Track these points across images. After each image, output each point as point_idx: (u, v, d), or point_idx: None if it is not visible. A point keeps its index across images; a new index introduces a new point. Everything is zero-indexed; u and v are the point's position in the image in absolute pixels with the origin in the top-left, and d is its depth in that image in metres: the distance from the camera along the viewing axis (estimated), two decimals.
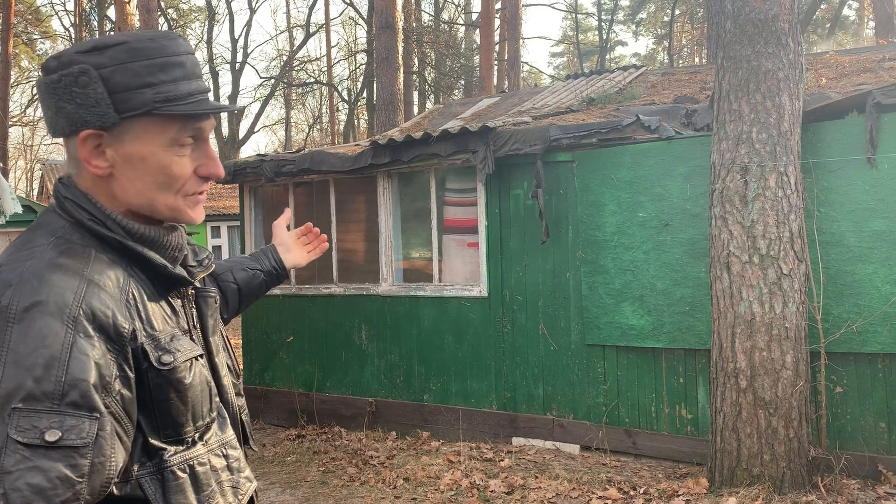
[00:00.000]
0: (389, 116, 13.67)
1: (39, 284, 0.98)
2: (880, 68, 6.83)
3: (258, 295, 1.71)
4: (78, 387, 0.94)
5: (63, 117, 1.09)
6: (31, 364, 0.93)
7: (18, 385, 0.92)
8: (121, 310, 1.04)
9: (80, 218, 1.10)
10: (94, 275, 1.03)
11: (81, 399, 0.95)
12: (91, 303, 1.00)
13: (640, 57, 35.84)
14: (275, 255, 1.73)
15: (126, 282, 1.08)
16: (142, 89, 1.09)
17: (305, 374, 7.03)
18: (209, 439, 1.18)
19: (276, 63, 33.59)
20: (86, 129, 1.08)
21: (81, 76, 1.06)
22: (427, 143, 6.03)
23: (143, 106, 1.09)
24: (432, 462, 5.56)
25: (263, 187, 7.35)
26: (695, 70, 9.18)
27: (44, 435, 0.91)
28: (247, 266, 1.68)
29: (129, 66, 1.08)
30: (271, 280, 1.72)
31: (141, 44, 1.09)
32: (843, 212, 4.68)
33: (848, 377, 4.74)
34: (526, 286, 5.89)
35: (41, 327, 0.95)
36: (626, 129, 5.50)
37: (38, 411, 0.92)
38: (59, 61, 1.08)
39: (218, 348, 1.28)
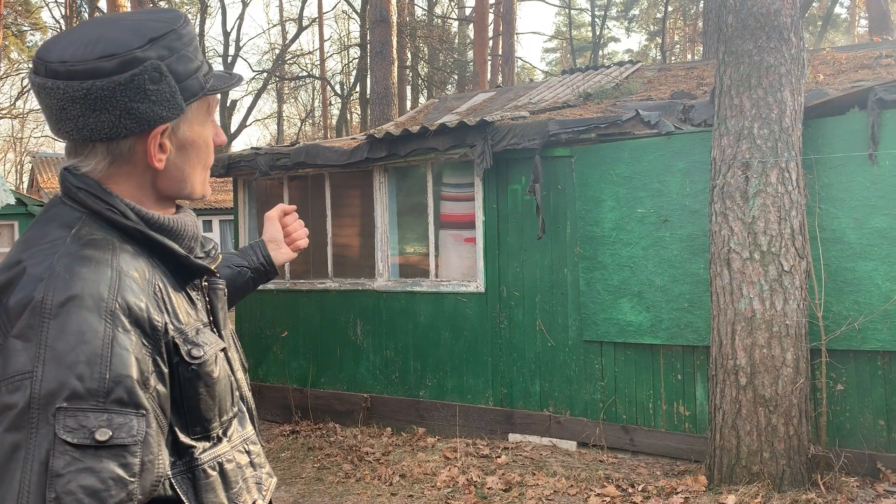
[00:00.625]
0: (383, 110, 13.59)
1: (71, 278, 0.93)
2: (878, 65, 6.81)
3: (245, 292, 1.65)
4: (123, 383, 0.91)
5: (131, 118, 1.03)
6: (73, 361, 0.89)
7: (61, 384, 0.87)
8: (152, 303, 1.00)
9: (97, 208, 1.04)
10: (122, 266, 0.99)
11: (127, 396, 0.91)
12: (126, 296, 0.96)
13: (632, 53, 35.85)
14: (263, 250, 1.66)
15: (152, 273, 1.04)
16: (195, 74, 1.09)
17: (300, 370, 6.97)
18: (232, 435, 1.15)
19: (269, 56, 33.42)
20: (160, 125, 1.06)
21: (154, 72, 1.03)
22: (424, 138, 5.97)
23: (199, 90, 1.10)
24: (428, 458, 5.52)
25: (258, 181, 7.27)
26: (691, 66, 9.14)
27: (94, 434, 0.87)
28: (233, 263, 1.61)
29: (183, 53, 1.07)
30: (259, 277, 1.65)
31: (183, 28, 1.08)
32: (843, 208, 4.66)
33: (847, 374, 4.73)
34: (523, 282, 5.85)
35: (79, 322, 0.91)
36: (625, 124, 5.46)
37: (85, 410, 0.88)
38: (117, 60, 1.01)
39: (230, 342, 1.25)
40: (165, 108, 1.05)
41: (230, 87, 1.16)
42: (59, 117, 1.03)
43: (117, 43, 1.02)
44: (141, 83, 1.02)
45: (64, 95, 1.01)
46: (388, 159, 6.28)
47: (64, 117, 1.03)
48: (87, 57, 1.00)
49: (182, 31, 1.07)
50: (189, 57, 1.07)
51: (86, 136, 1.04)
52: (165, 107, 1.05)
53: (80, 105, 1.01)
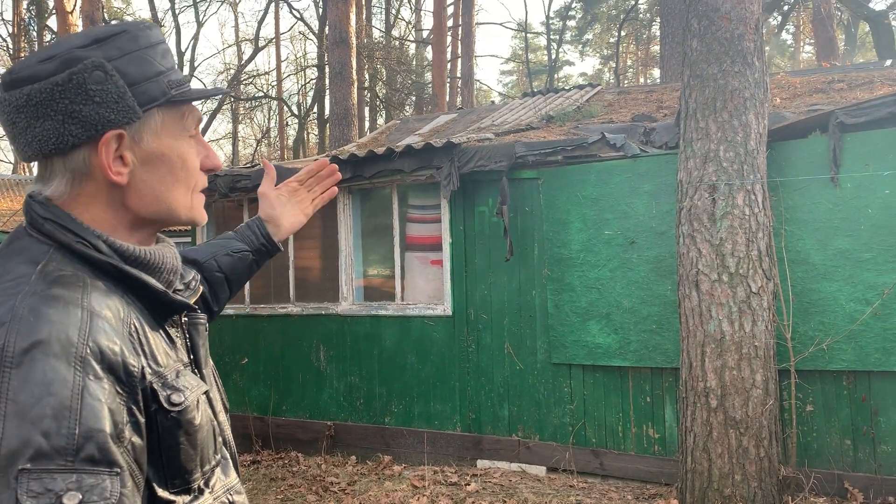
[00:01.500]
0: (343, 131, 13.49)
1: (37, 321, 0.83)
2: (831, 89, 7.00)
3: (249, 276, 1.53)
4: (94, 438, 0.80)
5: (76, 123, 0.93)
6: (38, 416, 0.78)
7: (24, 442, 0.77)
8: (127, 345, 0.89)
9: (65, 241, 0.94)
10: (94, 306, 0.88)
11: (99, 453, 0.80)
12: (98, 339, 0.85)
13: (586, 76, 36.48)
14: (262, 229, 1.53)
15: (126, 312, 0.93)
16: (156, 78, 0.99)
17: (260, 398, 6.76)
18: (215, 485, 1.03)
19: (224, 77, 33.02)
20: (109, 130, 0.94)
21: (96, 70, 0.93)
22: (390, 159, 5.90)
23: (161, 95, 0.99)
24: (396, 487, 5.38)
25: (216, 203, 7.09)
26: (650, 89, 9.29)
27: (61, 499, 0.76)
28: (232, 249, 1.49)
29: (138, 54, 0.97)
30: (261, 258, 1.53)
31: (140, 31, 0.99)
32: (807, 230, 4.72)
33: (814, 395, 4.76)
34: (491, 304, 5.79)
35: (45, 371, 0.80)
36: (591, 146, 5.47)
37: (51, 471, 0.77)
38: (58, 60, 0.92)
39: (211, 381, 1.13)
40: (113, 111, 0.94)
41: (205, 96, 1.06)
42: (11, 134, 0.95)
43: (61, 45, 0.94)
44: (81, 82, 0.92)
45: (10, 107, 0.94)
46: (352, 181, 6.18)
47: (15, 132, 0.95)
48: (29, 62, 0.94)
49: (138, 34, 0.98)
50: (146, 60, 0.98)
51: (36, 149, 0.94)
52: (113, 109, 0.94)
53: (24, 114, 0.93)
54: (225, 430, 1.13)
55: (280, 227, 1.55)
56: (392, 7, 28.82)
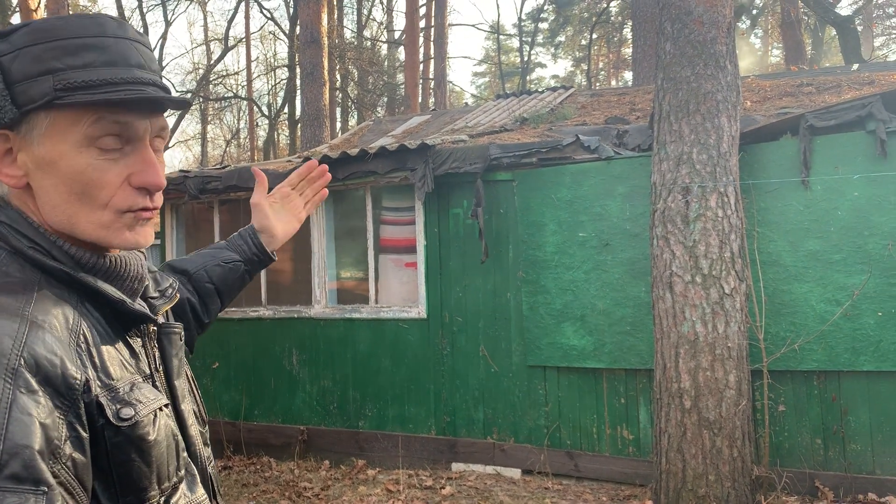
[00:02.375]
0: (315, 132, 13.38)
1: None
2: (800, 93, 7.10)
3: (241, 287, 1.49)
4: (20, 455, 0.75)
5: None
6: None
7: None
8: (71, 356, 0.84)
9: (18, 246, 0.90)
10: (37, 315, 0.83)
11: (24, 470, 0.75)
12: (34, 350, 0.80)
13: (559, 79, 36.66)
14: (254, 239, 1.49)
15: (77, 322, 0.88)
16: (43, 76, 0.89)
17: (232, 403, 6.66)
18: (177, 502, 0.97)
19: (193, 77, 32.60)
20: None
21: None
22: (363, 161, 5.84)
23: (42, 96, 0.89)
24: (370, 492, 5.33)
25: (186, 205, 6.97)
26: (623, 92, 9.34)
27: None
28: (223, 259, 1.45)
29: (30, 49, 0.89)
30: (254, 268, 1.49)
31: (47, 24, 0.90)
32: (779, 232, 4.77)
33: (786, 395, 4.81)
34: (466, 307, 5.76)
35: None
36: (565, 148, 5.47)
37: None
38: None
39: (184, 393, 1.08)
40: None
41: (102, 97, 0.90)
42: None
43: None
44: None
45: None
46: None
47: None
48: None
49: (40, 27, 0.90)
50: (35, 56, 0.89)
51: None
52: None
53: None
54: (196, 445, 1.08)
55: (274, 236, 1.52)
56: (364, 7, 28.70)
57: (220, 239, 6.77)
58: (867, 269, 4.54)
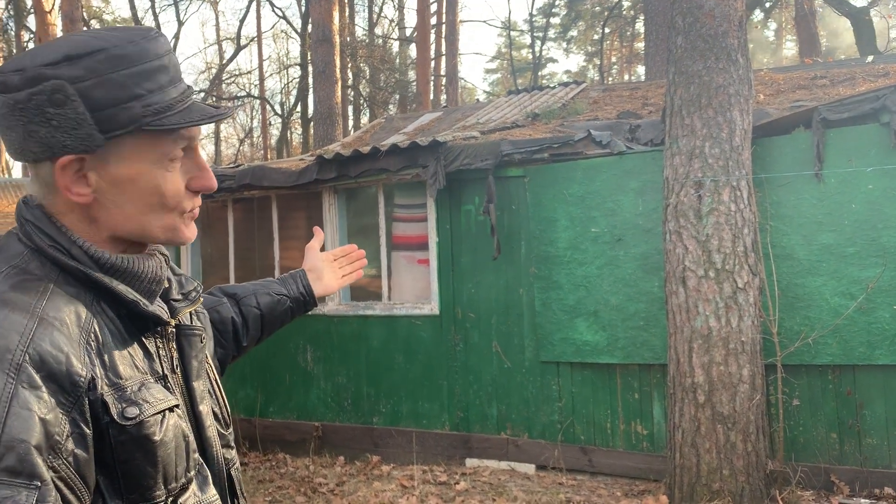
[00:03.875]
0: (327, 130, 13.43)
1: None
2: (814, 85, 7.05)
3: (283, 322, 1.56)
4: (15, 449, 0.78)
5: (34, 142, 0.90)
6: None
7: None
8: (78, 353, 0.87)
9: (40, 244, 0.92)
10: (48, 312, 0.86)
11: (19, 464, 0.78)
12: (40, 346, 0.83)
13: (571, 74, 36.55)
14: (304, 280, 1.58)
15: (89, 320, 0.91)
16: (129, 103, 0.92)
17: (247, 399, 6.71)
18: (186, 502, 0.99)
19: (206, 76, 32.76)
20: (65, 155, 0.91)
21: (56, 94, 0.88)
22: (375, 158, 5.87)
23: (131, 123, 0.92)
24: (385, 488, 5.36)
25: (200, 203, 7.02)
26: (635, 86, 9.31)
27: None
28: (273, 291, 1.54)
29: (111, 77, 0.91)
30: (298, 308, 1.57)
31: (121, 49, 0.92)
32: (792, 226, 4.74)
33: (800, 389, 4.79)
34: (478, 303, 5.78)
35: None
36: (577, 143, 5.47)
37: None
38: (22, 76, 0.89)
39: (203, 395, 1.09)
40: (70, 137, 0.90)
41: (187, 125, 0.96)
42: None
43: (34, 56, 0.90)
44: (39, 104, 0.89)
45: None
46: (337, 180, 6.14)
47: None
48: (5, 69, 0.90)
49: (117, 53, 0.91)
50: (118, 83, 0.91)
51: (12, 154, 0.94)
52: (70, 135, 0.90)
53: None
54: (214, 445, 1.10)
55: (321, 280, 1.62)
56: (375, 5, 28.73)
57: (234, 236, 6.83)
58: (882, 262, 4.51)
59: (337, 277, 1.67)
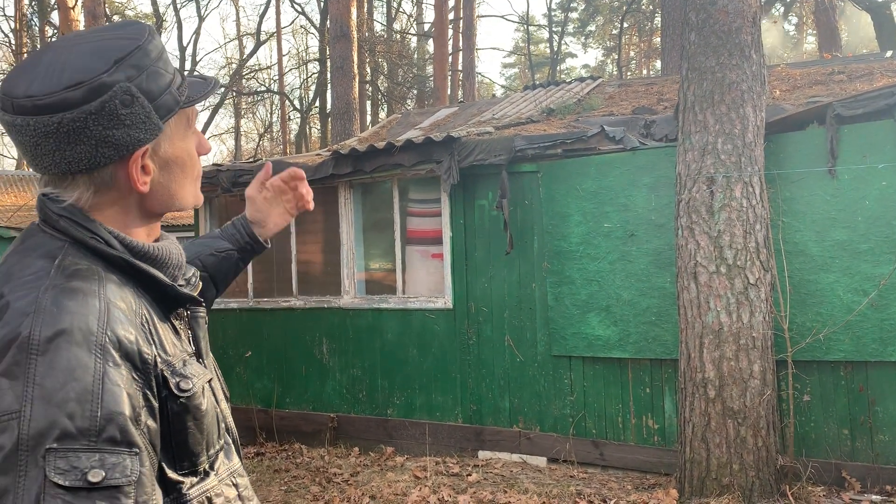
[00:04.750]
0: (345, 125, 13.52)
1: (59, 312, 0.88)
2: (831, 81, 7.01)
3: (235, 274, 1.58)
4: (115, 421, 0.87)
5: (108, 146, 0.98)
6: (63, 399, 0.84)
7: (51, 423, 0.83)
8: (141, 334, 0.96)
9: (80, 237, 0.99)
10: (110, 297, 0.94)
11: (120, 434, 0.87)
12: (115, 328, 0.91)
13: (589, 68, 36.39)
14: (246, 228, 1.56)
15: (137, 304, 0.99)
16: (169, 88, 1.04)
17: (264, 390, 6.82)
18: (219, 469, 1.10)
19: (226, 71, 33.02)
20: (139, 148, 1.01)
21: (125, 95, 0.97)
22: (390, 154, 5.93)
23: (174, 104, 1.05)
24: (398, 478, 5.44)
25: (219, 198, 7.14)
26: (651, 82, 9.30)
27: (87, 475, 0.82)
28: (217, 248, 1.53)
29: (153, 68, 1.02)
30: (246, 256, 1.57)
31: (147, 42, 1.02)
32: (805, 222, 4.75)
33: (812, 385, 4.80)
34: (491, 297, 5.83)
35: (69, 358, 0.86)
36: (590, 139, 5.50)
37: (77, 450, 0.83)
38: (85, 88, 0.94)
39: (212, 372, 1.19)
40: (142, 131, 1.00)
41: (207, 95, 1.11)
42: (34, 153, 0.97)
43: (82, 70, 0.96)
44: (112, 109, 0.96)
45: (35, 132, 0.95)
46: (353, 175, 6.22)
47: (39, 153, 0.97)
48: (53, 88, 0.94)
49: (148, 47, 1.01)
50: (159, 72, 1.02)
51: (65, 170, 0.98)
52: (142, 129, 0.99)
53: (53, 139, 0.95)
54: (227, 417, 1.20)
55: (265, 227, 1.58)
56: (393, 0, 28.79)
57: None
58: (895, 258, 4.50)
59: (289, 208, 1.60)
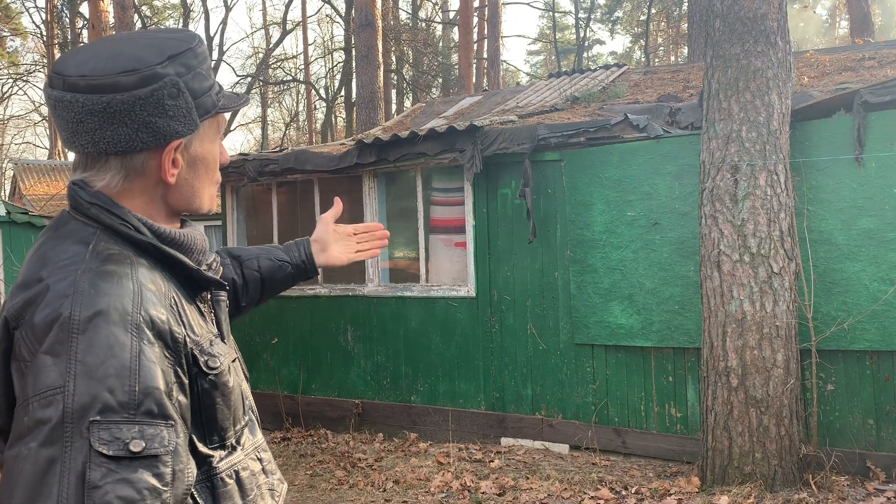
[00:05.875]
0: (370, 115, 13.58)
1: (96, 293, 0.95)
2: (861, 67, 6.89)
3: (283, 287, 1.65)
4: (152, 395, 0.94)
5: (149, 132, 1.05)
6: (103, 375, 0.91)
7: (94, 397, 0.90)
8: (171, 315, 1.02)
9: (110, 223, 1.05)
10: (141, 280, 1.01)
11: (157, 407, 0.94)
12: (148, 309, 0.98)
13: (616, 55, 36.03)
14: (307, 249, 1.65)
15: (167, 287, 1.06)
16: (209, 92, 1.12)
17: (290, 377, 6.94)
18: (245, 443, 1.18)
19: (253, 61, 33.26)
20: (175, 140, 1.08)
21: (173, 88, 1.06)
22: (414, 143, 5.97)
23: (212, 107, 1.13)
24: (421, 464, 5.51)
25: (246, 187, 7.24)
26: (677, 69, 9.21)
27: (128, 446, 0.90)
28: (275, 256, 1.61)
29: (199, 71, 1.11)
30: (299, 274, 1.63)
31: (197, 47, 1.11)
32: (831, 210, 4.70)
33: (836, 374, 4.77)
34: (514, 286, 5.86)
35: (107, 337, 0.93)
36: (614, 127, 5.49)
37: (118, 422, 0.90)
38: (138, 75, 1.03)
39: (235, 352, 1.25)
40: (181, 124, 1.07)
41: (240, 106, 1.21)
42: (75, 130, 1.04)
43: (137, 59, 1.04)
44: (160, 98, 1.04)
45: (83, 108, 1.02)
46: (377, 164, 6.27)
47: (81, 130, 1.04)
48: (107, 71, 1.03)
49: (198, 51, 1.10)
50: (203, 75, 1.10)
51: (101, 150, 1.05)
52: (181, 122, 1.07)
53: (98, 118, 1.03)
54: (248, 396, 1.27)
55: (325, 252, 1.66)
56: None
57: (278, 219, 7.02)
58: None
59: (349, 251, 1.70)
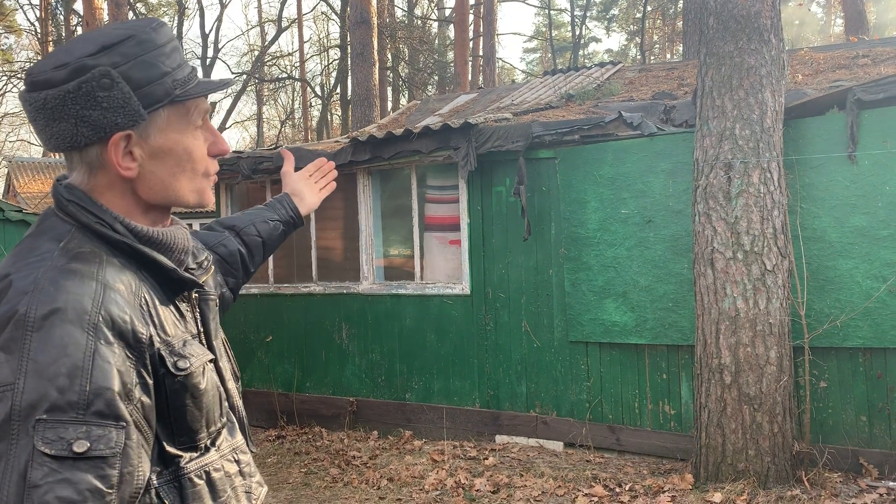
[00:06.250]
0: (365, 112, 13.56)
1: (56, 291, 0.94)
2: (855, 65, 6.91)
3: (279, 245, 1.71)
4: (103, 395, 0.91)
5: (87, 126, 1.03)
6: (54, 374, 0.89)
7: (42, 395, 0.88)
8: (137, 315, 1.01)
9: (86, 221, 1.05)
10: (108, 279, 0.99)
11: (107, 408, 0.92)
12: (109, 308, 0.96)
13: (612, 53, 36.04)
14: (290, 203, 1.73)
15: (138, 286, 1.05)
16: (160, 80, 1.07)
17: (285, 374, 6.93)
18: (221, 445, 1.16)
19: (248, 58, 33.21)
20: (117, 132, 1.05)
21: (104, 79, 1.02)
22: (408, 140, 5.97)
23: (165, 96, 1.08)
24: (416, 462, 5.52)
25: (240, 184, 7.23)
26: (671, 66, 9.22)
27: (72, 446, 0.88)
28: (267, 217, 1.68)
29: (143, 58, 1.06)
30: (289, 229, 1.72)
31: (145, 34, 1.07)
32: (824, 207, 4.71)
33: (829, 371, 4.79)
34: (509, 283, 5.86)
35: (62, 335, 0.91)
36: (608, 125, 5.49)
37: (64, 422, 0.88)
38: (68, 69, 1.02)
39: (221, 352, 1.25)
40: (119, 115, 1.03)
41: (210, 91, 1.14)
42: (34, 128, 1.07)
43: (70, 52, 1.03)
44: (89, 90, 1.01)
45: (31, 107, 1.04)
46: (371, 162, 6.26)
47: (37, 128, 1.06)
48: (45, 67, 1.03)
49: (143, 38, 1.06)
50: (150, 63, 1.06)
51: (55, 145, 1.05)
52: (119, 113, 1.03)
53: (42, 115, 1.03)
54: (233, 397, 1.25)
55: (304, 200, 1.76)
56: None
57: None
58: None
59: (315, 192, 1.80)
